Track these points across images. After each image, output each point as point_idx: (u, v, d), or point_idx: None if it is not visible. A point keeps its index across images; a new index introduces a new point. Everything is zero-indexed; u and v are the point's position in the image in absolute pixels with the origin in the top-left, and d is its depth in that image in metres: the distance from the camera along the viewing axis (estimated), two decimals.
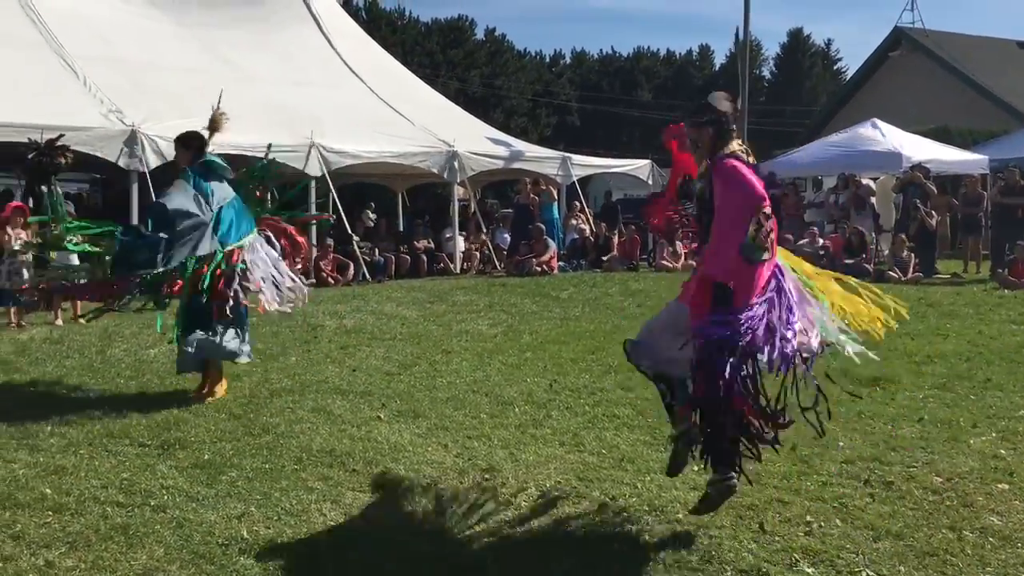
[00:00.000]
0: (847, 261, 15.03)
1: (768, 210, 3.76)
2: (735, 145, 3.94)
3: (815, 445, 5.15)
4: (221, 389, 6.23)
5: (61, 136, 10.13)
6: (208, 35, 16.11)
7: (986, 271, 15.08)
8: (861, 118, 21.40)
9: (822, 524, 4.01)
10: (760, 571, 3.57)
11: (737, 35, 22.80)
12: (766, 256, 3.78)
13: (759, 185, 3.79)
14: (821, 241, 16.16)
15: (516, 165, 17.81)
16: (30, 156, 9.95)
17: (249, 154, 13.08)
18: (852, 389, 5.71)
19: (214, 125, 6.69)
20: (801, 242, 16.37)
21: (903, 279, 14.02)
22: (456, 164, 15.75)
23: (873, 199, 16.94)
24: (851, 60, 72.41)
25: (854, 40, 78.06)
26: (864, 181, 17.08)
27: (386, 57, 20.26)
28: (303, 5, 18.33)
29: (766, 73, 66.39)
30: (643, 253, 17.63)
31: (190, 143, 6.55)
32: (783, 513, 4.14)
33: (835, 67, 65.00)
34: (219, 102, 6.79)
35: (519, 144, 19.54)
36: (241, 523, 3.94)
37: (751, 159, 3.95)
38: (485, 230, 17.75)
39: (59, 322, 9.32)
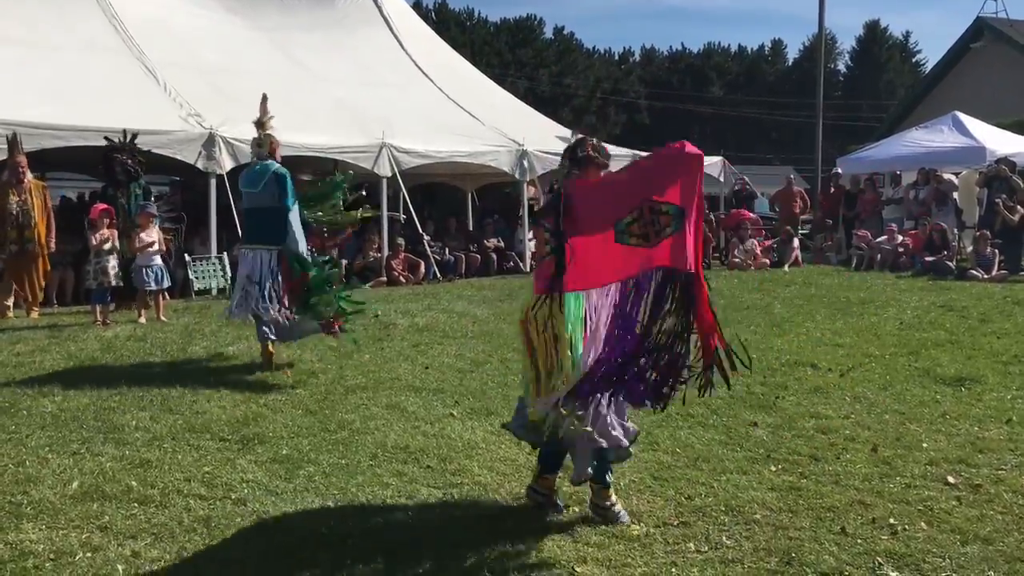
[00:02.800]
0: (928, 259, 14.64)
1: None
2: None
3: (898, 446, 5.03)
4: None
5: (131, 135, 10.48)
6: (283, 38, 16.41)
7: None
8: (942, 111, 20.80)
9: (906, 527, 3.90)
10: (842, 574, 3.49)
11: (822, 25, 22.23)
12: None
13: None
14: (900, 238, 15.74)
15: None
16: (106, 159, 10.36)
17: (321, 155, 13.35)
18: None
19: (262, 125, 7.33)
20: (879, 239, 16.00)
21: (987, 277, 13.57)
22: (526, 163, 15.75)
23: (955, 195, 16.44)
24: (931, 52, 70.44)
25: (934, 32, 76.27)
26: (946, 176, 16.58)
27: (455, 57, 20.37)
28: (374, 8, 18.54)
29: (841, 67, 65.04)
30: (715, 251, 17.40)
31: None
32: (865, 515, 4.03)
33: (914, 60, 63.37)
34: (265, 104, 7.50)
35: None
36: (318, 518, 3.99)
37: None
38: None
39: (143, 320, 9.59)
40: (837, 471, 4.63)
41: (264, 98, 7.45)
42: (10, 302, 10.06)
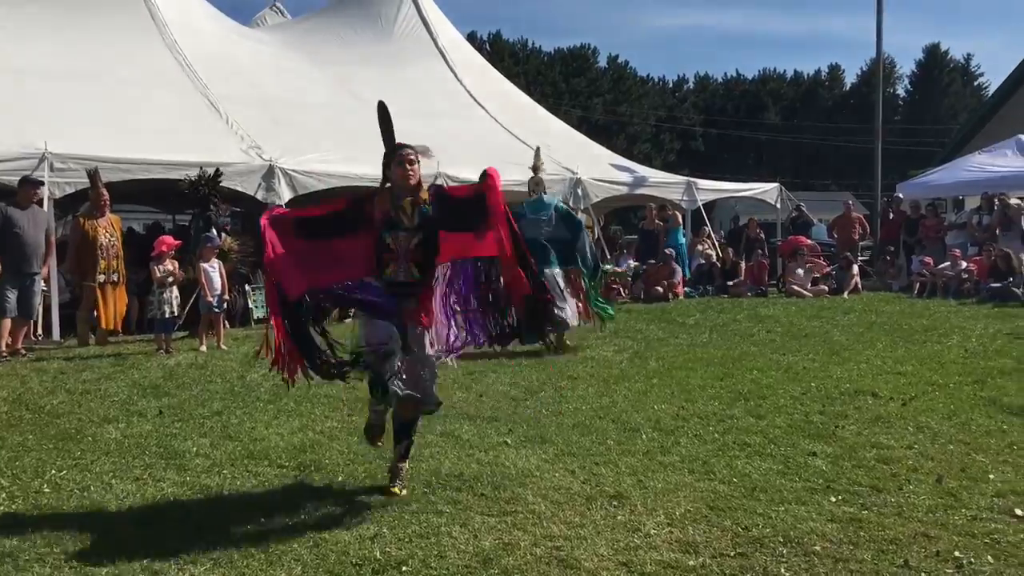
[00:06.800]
0: (993, 285, 14.29)
1: None
2: None
3: (963, 477, 4.90)
4: None
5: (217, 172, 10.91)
6: (341, 72, 16.76)
7: None
8: (1005, 135, 20.37)
9: (972, 560, 3.79)
10: None
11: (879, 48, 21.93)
12: None
13: None
14: (964, 264, 15.39)
15: (640, 191, 17.73)
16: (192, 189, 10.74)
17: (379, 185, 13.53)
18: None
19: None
20: (942, 265, 15.67)
21: None
22: (580, 191, 15.79)
23: (1022, 220, 16.04)
24: (993, 75, 69.05)
25: (996, 54, 74.75)
26: (1012, 201, 16.21)
27: (509, 87, 20.56)
28: (430, 40, 18.85)
29: (901, 92, 64.13)
30: (772, 278, 17.20)
31: None
32: (929, 548, 3.93)
33: (976, 83, 62.26)
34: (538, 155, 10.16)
35: (643, 170, 19.45)
36: (374, 544, 4.02)
37: None
38: (609, 257, 17.70)
39: (203, 348, 9.79)
40: (900, 502, 4.52)
41: (538, 150, 10.32)
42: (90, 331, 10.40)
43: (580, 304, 9.47)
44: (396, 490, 4.71)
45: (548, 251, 9.18)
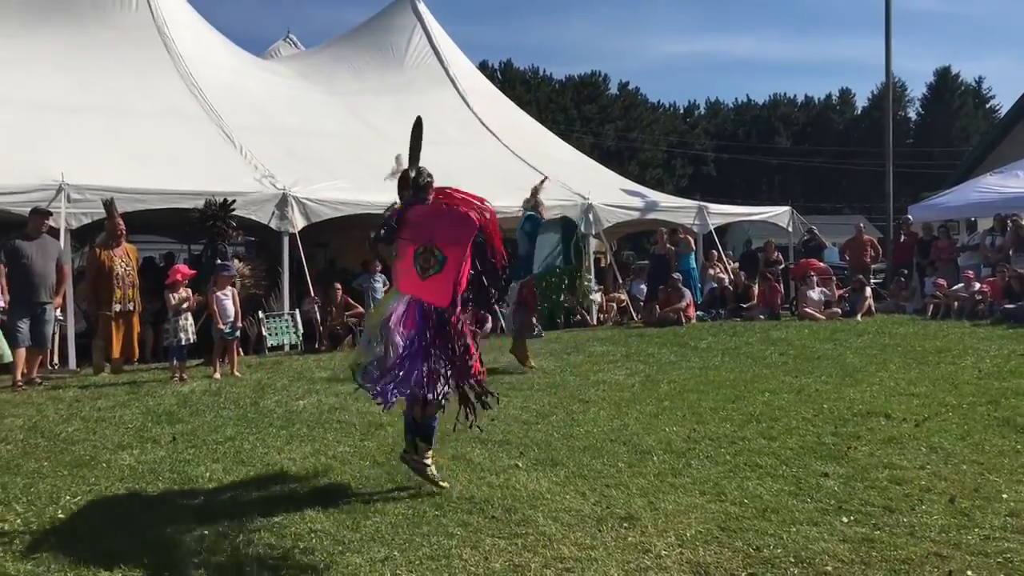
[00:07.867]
0: (1007, 306, 14.22)
1: None
2: None
3: (976, 497, 4.88)
4: None
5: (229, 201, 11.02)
6: (354, 102, 16.94)
7: None
8: (1017, 156, 20.35)
9: None
10: None
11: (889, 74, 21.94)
12: None
13: None
14: (977, 286, 15.33)
15: (651, 216, 17.76)
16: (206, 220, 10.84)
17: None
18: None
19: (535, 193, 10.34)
20: (955, 287, 15.61)
21: None
22: (591, 216, 15.84)
23: None
24: (1004, 97, 68.98)
25: (1008, 76, 74.73)
26: None
27: (521, 115, 20.70)
28: (441, 69, 19.04)
29: (912, 115, 64.18)
30: (784, 301, 17.16)
31: None
32: (942, 568, 3.91)
33: (987, 105, 62.26)
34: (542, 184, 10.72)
35: (654, 195, 19.51)
36: (385, 566, 4.03)
37: None
38: (621, 281, 17.72)
39: (217, 376, 9.85)
40: (912, 522, 4.51)
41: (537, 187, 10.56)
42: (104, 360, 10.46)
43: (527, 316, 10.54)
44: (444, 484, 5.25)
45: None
